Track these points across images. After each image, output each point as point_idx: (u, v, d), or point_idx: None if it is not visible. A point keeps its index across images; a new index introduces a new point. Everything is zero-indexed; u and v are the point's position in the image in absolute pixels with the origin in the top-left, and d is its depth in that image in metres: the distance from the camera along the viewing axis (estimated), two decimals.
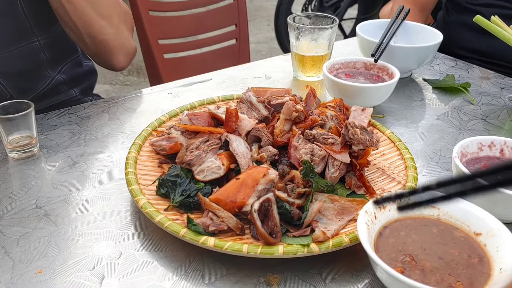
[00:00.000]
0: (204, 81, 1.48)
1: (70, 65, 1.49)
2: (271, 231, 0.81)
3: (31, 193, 0.98)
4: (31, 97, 1.39)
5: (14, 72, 1.33)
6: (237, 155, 0.94)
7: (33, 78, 1.39)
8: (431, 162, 1.10)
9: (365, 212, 0.78)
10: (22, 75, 1.36)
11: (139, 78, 4.40)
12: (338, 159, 0.93)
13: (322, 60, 1.44)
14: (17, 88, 1.36)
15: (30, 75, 1.38)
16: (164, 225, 0.82)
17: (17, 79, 1.35)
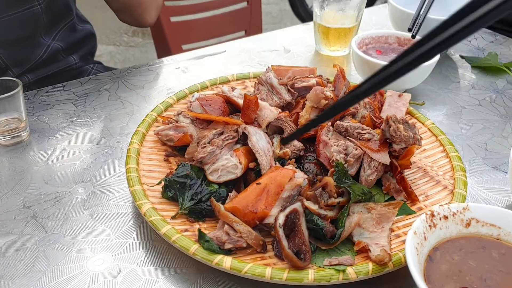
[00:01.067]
0: (216, 53, 1.32)
1: (65, 30, 1.34)
2: (298, 249, 0.68)
3: (18, 189, 0.85)
4: (27, 67, 1.25)
5: (11, 40, 1.19)
6: (257, 152, 0.80)
7: (29, 46, 1.25)
8: (476, 158, 0.96)
9: (414, 233, 0.65)
10: (19, 43, 1.21)
11: (145, 40, 4.21)
12: (375, 159, 0.79)
13: (349, 32, 1.28)
14: (14, 58, 1.22)
15: (27, 43, 1.23)
16: (171, 239, 0.69)
17: (13, 48, 1.20)
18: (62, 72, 1.36)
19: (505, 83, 1.23)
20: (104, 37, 4.21)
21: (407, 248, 0.62)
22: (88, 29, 1.44)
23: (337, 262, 0.67)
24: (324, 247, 0.70)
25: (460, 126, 1.05)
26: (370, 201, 0.76)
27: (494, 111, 1.11)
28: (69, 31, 1.36)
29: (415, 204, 0.80)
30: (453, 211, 0.69)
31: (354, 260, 0.68)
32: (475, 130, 1.04)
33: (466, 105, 1.13)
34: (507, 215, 0.69)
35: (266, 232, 0.73)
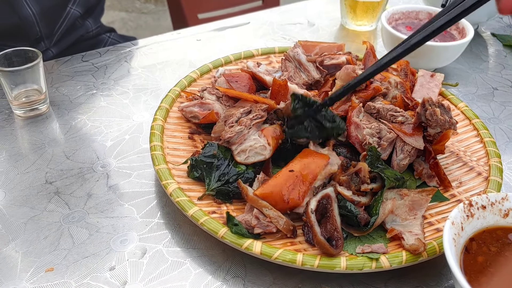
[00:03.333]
0: (238, 25, 1.28)
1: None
2: (330, 236, 0.66)
3: (40, 163, 0.83)
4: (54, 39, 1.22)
5: (45, 7, 1.16)
6: None
7: (56, 15, 1.22)
8: (509, 143, 0.93)
9: (452, 223, 0.62)
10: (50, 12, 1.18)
11: (157, 7, 4.13)
12: (409, 144, 0.76)
13: (377, 6, 1.23)
14: (47, 27, 1.19)
15: (56, 11, 1.20)
16: (199, 221, 0.68)
17: (46, 17, 1.18)
18: (81, 41, 1.33)
19: None
20: (116, 3, 4.14)
21: (444, 239, 0.60)
22: None
23: (370, 250, 0.65)
24: (357, 234, 0.68)
25: (492, 109, 1.02)
26: (403, 187, 0.74)
27: None
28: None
29: (448, 191, 0.77)
30: (492, 200, 0.67)
31: (387, 248, 0.66)
32: (508, 113, 1.01)
33: (498, 87, 1.09)
34: None
35: (295, 217, 0.71)
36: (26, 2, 1.12)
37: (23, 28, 1.15)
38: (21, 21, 1.13)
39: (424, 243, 0.65)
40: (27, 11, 1.12)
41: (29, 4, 1.12)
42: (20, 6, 1.11)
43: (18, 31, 1.15)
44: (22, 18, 1.13)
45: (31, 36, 1.17)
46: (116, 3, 4.13)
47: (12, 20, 1.12)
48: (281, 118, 0.81)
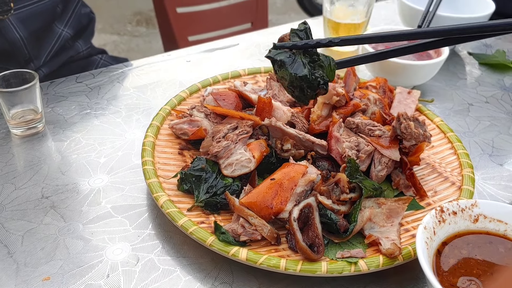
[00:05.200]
0: (228, 47, 1.34)
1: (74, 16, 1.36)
2: (311, 242, 0.70)
3: (36, 179, 0.87)
4: (43, 59, 1.27)
5: (33, 30, 1.21)
6: None
7: (45, 37, 1.27)
8: (483, 155, 0.98)
9: (424, 228, 0.67)
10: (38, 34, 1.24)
11: (149, 29, 4.21)
12: (386, 156, 0.81)
13: (358, 28, 1.29)
14: (35, 49, 1.24)
15: (44, 33, 1.26)
16: (188, 231, 0.72)
17: (34, 39, 1.23)
18: (72, 61, 1.38)
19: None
20: (108, 26, 4.21)
21: (417, 242, 0.65)
22: (89, 12, 1.46)
23: (349, 255, 0.69)
24: (337, 240, 0.72)
25: (467, 123, 1.07)
26: (381, 196, 0.78)
27: (501, 109, 1.13)
28: (77, 17, 1.38)
29: (423, 200, 0.82)
30: (462, 207, 0.71)
31: (366, 253, 0.70)
32: (482, 127, 1.06)
33: (474, 102, 1.15)
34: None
35: (279, 225, 0.75)
36: (13, 26, 1.16)
37: (12, 50, 1.19)
38: (9, 45, 1.18)
39: (399, 247, 0.69)
40: (15, 35, 1.17)
41: (16, 28, 1.17)
42: (7, 30, 1.16)
43: (7, 54, 1.20)
44: (10, 42, 1.17)
45: (20, 58, 1.21)
46: (108, 26, 4.20)
47: (0, 44, 1.17)
48: (266, 134, 0.86)
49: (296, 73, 0.70)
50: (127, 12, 4.44)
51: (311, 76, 0.71)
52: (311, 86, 0.71)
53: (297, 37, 0.74)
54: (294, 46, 0.72)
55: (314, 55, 0.72)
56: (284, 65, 0.71)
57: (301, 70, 0.70)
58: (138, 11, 4.45)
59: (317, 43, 0.72)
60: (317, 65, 0.72)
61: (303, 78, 0.70)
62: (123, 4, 4.56)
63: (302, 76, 0.70)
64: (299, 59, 0.71)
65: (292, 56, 0.72)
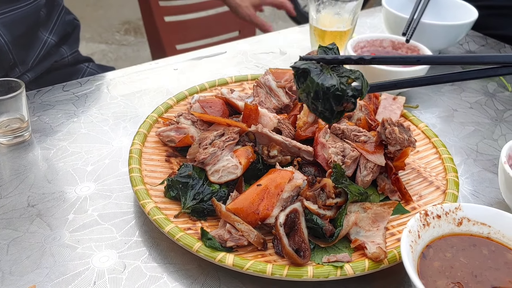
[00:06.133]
0: (215, 54, 1.34)
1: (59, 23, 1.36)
2: (298, 247, 0.70)
3: (22, 188, 0.87)
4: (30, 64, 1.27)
5: (18, 35, 1.21)
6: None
7: (31, 42, 1.27)
8: (467, 160, 1.00)
9: (409, 232, 0.68)
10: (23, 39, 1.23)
11: (137, 38, 4.21)
12: (371, 161, 0.82)
13: (344, 36, 1.31)
14: (20, 54, 1.24)
15: (29, 39, 1.26)
16: (175, 237, 0.72)
17: (19, 44, 1.23)
18: (57, 68, 1.38)
19: (496, 86, 1.26)
20: (96, 35, 4.21)
21: (402, 246, 0.65)
22: (73, 19, 1.46)
23: (335, 259, 0.70)
24: (323, 245, 0.73)
25: (452, 129, 1.09)
26: (366, 201, 0.79)
27: (485, 114, 1.15)
28: (61, 23, 1.38)
29: (409, 204, 0.83)
30: (446, 210, 0.72)
31: (351, 257, 0.71)
32: (467, 133, 1.08)
33: (458, 108, 1.16)
34: (497, 214, 0.72)
35: (266, 231, 0.75)
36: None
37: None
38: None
39: (385, 251, 0.70)
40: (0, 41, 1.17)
41: (1, 33, 1.17)
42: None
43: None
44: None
45: (4, 63, 1.21)
46: (96, 35, 4.19)
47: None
48: (253, 140, 0.87)
49: (323, 82, 0.62)
50: (115, 22, 4.44)
51: (340, 85, 0.62)
52: (338, 97, 0.62)
53: (324, 54, 0.68)
54: (323, 60, 0.66)
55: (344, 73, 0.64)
56: (310, 73, 0.63)
57: (329, 80, 0.63)
58: (126, 20, 4.46)
59: (347, 58, 0.66)
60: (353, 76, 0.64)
61: (330, 88, 0.62)
62: (112, 14, 4.57)
63: (329, 86, 0.62)
64: (327, 72, 0.64)
65: (319, 68, 0.65)
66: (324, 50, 0.69)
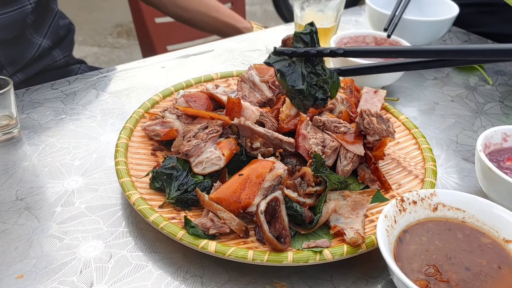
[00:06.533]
0: (202, 53, 1.36)
1: (53, 27, 1.38)
2: (279, 234, 0.73)
3: (11, 182, 0.89)
4: (20, 66, 1.29)
5: (4, 39, 1.22)
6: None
7: (21, 46, 1.29)
8: (447, 150, 1.02)
9: (385, 216, 0.70)
10: (11, 43, 1.25)
11: (129, 41, 4.23)
12: (351, 151, 0.85)
13: (328, 32, 1.33)
14: (8, 56, 1.25)
15: (18, 42, 1.27)
16: (159, 226, 0.74)
17: (7, 47, 1.24)
18: (49, 69, 1.40)
19: (477, 80, 1.29)
20: (89, 38, 4.22)
21: (378, 230, 0.68)
22: (68, 23, 1.48)
23: (315, 245, 0.72)
24: (303, 232, 0.75)
25: (433, 121, 1.11)
26: (346, 189, 0.81)
27: (466, 107, 1.17)
28: (55, 28, 1.40)
29: (388, 193, 0.85)
30: (422, 196, 0.75)
31: (331, 243, 0.73)
32: (447, 125, 1.10)
33: (440, 101, 1.19)
34: (471, 199, 0.75)
35: (248, 219, 0.77)
36: None
37: None
38: None
39: (363, 236, 0.72)
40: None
41: None
42: None
43: None
44: None
45: None
46: (89, 39, 4.21)
47: None
48: (236, 132, 0.89)
49: (293, 85, 0.65)
50: (108, 25, 4.46)
51: (307, 90, 0.65)
52: (308, 100, 0.67)
53: (301, 41, 0.67)
54: (294, 54, 0.67)
55: (317, 67, 0.66)
56: (282, 75, 0.65)
57: (298, 83, 0.65)
58: (119, 23, 4.48)
59: (319, 52, 0.67)
60: (320, 80, 0.66)
61: (300, 91, 0.65)
62: (104, 17, 4.59)
63: (299, 89, 0.65)
64: (299, 68, 0.65)
65: (292, 65, 0.66)
66: (301, 37, 0.68)
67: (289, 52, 0.67)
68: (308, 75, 0.65)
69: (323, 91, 0.65)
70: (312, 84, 0.65)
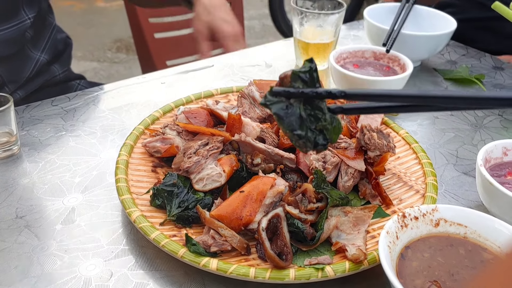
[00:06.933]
0: (200, 69, 1.37)
1: (51, 42, 1.39)
2: (280, 251, 0.72)
3: (11, 200, 0.88)
4: (21, 83, 1.29)
5: (5, 55, 1.23)
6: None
7: (20, 62, 1.29)
8: (448, 165, 1.02)
9: (387, 233, 0.70)
10: (11, 59, 1.26)
11: (128, 56, 4.25)
12: (352, 166, 0.85)
13: (327, 47, 1.34)
14: (9, 73, 1.26)
15: (18, 58, 1.28)
16: (160, 244, 0.73)
17: (7, 63, 1.25)
18: (48, 85, 1.40)
19: None
20: (88, 53, 4.24)
21: (380, 246, 0.67)
22: (65, 37, 1.48)
23: (316, 262, 0.71)
24: (305, 248, 0.74)
25: (433, 135, 1.12)
26: (347, 205, 0.81)
27: (465, 121, 1.17)
28: (53, 42, 1.40)
29: (389, 208, 0.85)
30: (423, 212, 0.74)
31: (333, 260, 0.73)
32: (447, 139, 1.10)
33: (439, 115, 1.19)
34: (472, 215, 0.75)
35: (250, 237, 0.77)
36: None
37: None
38: None
39: (364, 252, 0.71)
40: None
41: None
42: None
43: None
44: None
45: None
46: (88, 54, 4.23)
47: None
48: (236, 149, 0.89)
49: (291, 130, 0.59)
50: (107, 40, 4.49)
51: (306, 136, 0.60)
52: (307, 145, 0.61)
53: (299, 80, 0.61)
54: (292, 95, 0.61)
55: (317, 110, 0.60)
56: (280, 119, 0.60)
57: (296, 127, 0.59)
58: (118, 38, 4.50)
59: (316, 93, 0.60)
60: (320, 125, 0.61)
61: (299, 136, 0.60)
62: (103, 32, 4.61)
63: (298, 134, 0.59)
64: (298, 110, 0.60)
65: (290, 107, 0.60)
66: (299, 75, 0.61)
67: (286, 94, 0.61)
68: (307, 118, 0.60)
69: (323, 136, 0.60)
70: (311, 129, 0.60)
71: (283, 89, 0.62)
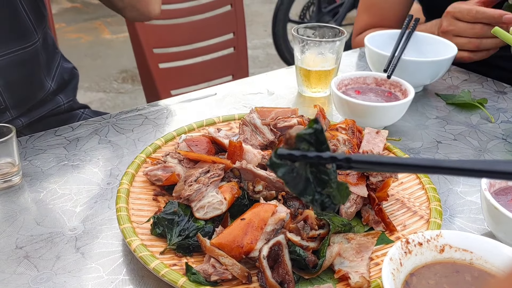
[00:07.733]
0: (203, 97, 1.38)
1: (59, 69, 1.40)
2: (282, 279, 0.71)
3: (11, 231, 0.88)
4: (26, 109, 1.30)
5: (13, 79, 1.24)
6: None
7: (30, 87, 1.30)
8: (452, 189, 1.01)
9: (390, 259, 0.68)
10: (20, 83, 1.26)
11: (134, 86, 4.30)
12: (354, 192, 0.84)
13: (329, 74, 1.34)
14: (15, 98, 1.26)
15: (28, 83, 1.29)
16: (160, 273, 0.72)
17: (15, 88, 1.25)
18: (52, 114, 1.41)
19: (479, 118, 1.29)
20: (94, 84, 4.30)
21: (383, 274, 0.66)
22: (72, 68, 1.50)
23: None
24: (307, 277, 0.73)
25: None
26: (350, 232, 0.80)
27: (469, 145, 1.17)
28: (61, 70, 1.42)
29: (393, 234, 0.83)
30: (427, 237, 0.73)
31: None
32: None
33: (442, 140, 1.19)
34: (478, 240, 0.73)
35: (251, 265, 0.76)
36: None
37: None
38: None
39: (368, 280, 0.70)
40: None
41: None
42: None
43: None
44: None
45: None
46: (94, 85, 4.28)
47: None
48: (238, 176, 0.88)
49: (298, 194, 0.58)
50: (113, 71, 4.55)
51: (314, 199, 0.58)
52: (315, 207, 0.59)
53: (304, 142, 0.58)
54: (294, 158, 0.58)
55: (324, 175, 0.57)
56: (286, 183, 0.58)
57: (303, 191, 0.58)
58: (124, 69, 4.56)
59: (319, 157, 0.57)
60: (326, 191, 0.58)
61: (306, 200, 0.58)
62: (109, 63, 4.68)
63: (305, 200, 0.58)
64: (304, 173, 0.58)
65: (296, 170, 0.58)
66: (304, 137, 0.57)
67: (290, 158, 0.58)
68: (314, 180, 0.57)
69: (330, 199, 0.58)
70: (318, 191, 0.58)
71: (288, 152, 0.58)
